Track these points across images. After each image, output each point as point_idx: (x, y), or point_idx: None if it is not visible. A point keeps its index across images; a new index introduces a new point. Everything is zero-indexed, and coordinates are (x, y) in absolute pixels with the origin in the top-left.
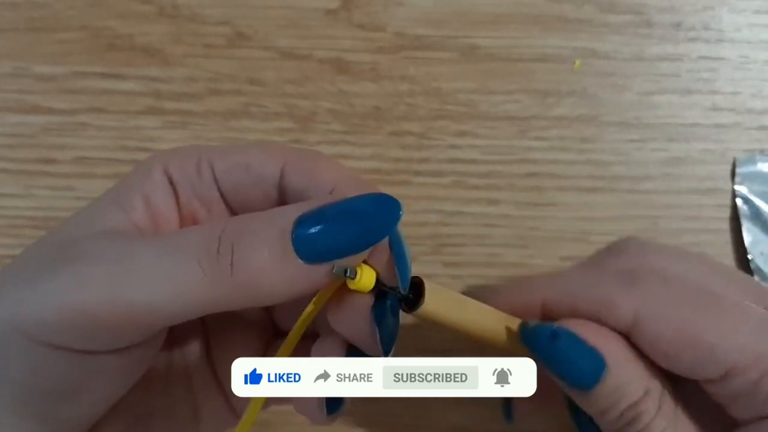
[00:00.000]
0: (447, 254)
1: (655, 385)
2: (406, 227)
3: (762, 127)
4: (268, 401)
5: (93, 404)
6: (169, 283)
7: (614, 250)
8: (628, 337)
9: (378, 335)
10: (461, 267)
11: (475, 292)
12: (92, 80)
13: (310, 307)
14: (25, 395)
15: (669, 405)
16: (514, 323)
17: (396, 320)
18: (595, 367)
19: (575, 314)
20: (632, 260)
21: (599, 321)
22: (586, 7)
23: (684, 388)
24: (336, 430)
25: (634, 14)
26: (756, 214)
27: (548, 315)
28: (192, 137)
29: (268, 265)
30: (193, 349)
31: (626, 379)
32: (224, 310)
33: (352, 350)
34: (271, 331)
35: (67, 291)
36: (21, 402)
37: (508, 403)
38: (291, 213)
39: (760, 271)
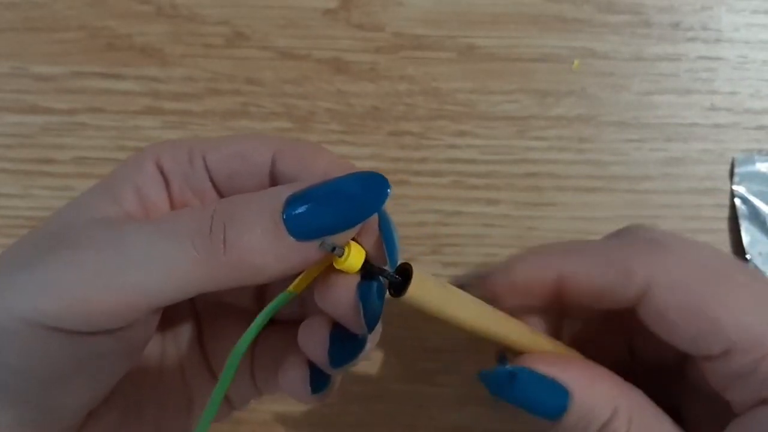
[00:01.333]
0: (446, 254)
1: (624, 401)
2: (404, 227)
3: (760, 127)
4: (258, 391)
5: (87, 391)
6: (163, 264)
7: (624, 231)
8: (635, 308)
9: (362, 312)
10: (460, 267)
11: (486, 270)
12: (91, 80)
13: (282, 296)
14: (21, 381)
15: (641, 417)
16: (502, 316)
17: (381, 298)
18: (558, 399)
19: (591, 286)
20: (645, 234)
21: (613, 290)
22: (585, 7)
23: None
24: (335, 430)
25: (632, 14)
26: (754, 214)
27: (562, 289)
28: (190, 137)
29: (260, 243)
30: (186, 337)
31: (592, 403)
32: (218, 289)
33: (337, 329)
34: None
35: (62, 275)
36: (16, 388)
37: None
38: (282, 192)
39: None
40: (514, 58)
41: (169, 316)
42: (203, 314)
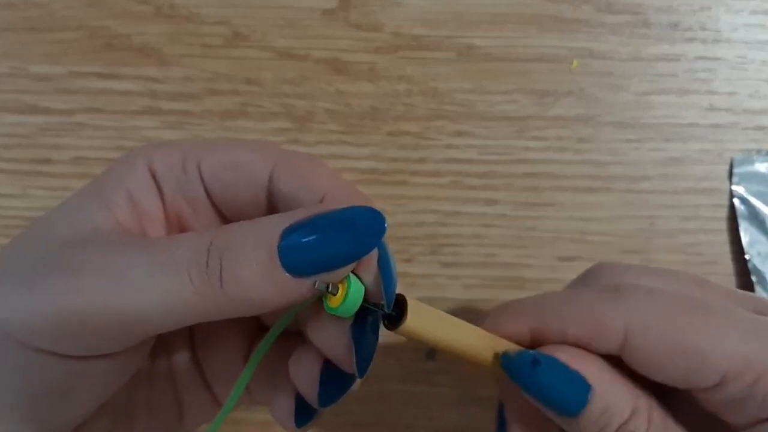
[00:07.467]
0: (445, 254)
1: (643, 402)
2: (403, 227)
3: (759, 127)
4: (249, 401)
5: (81, 406)
6: (161, 295)
7: (590, 275)
8: (619, 354)
9: (354, 355)
10: (459, 267)
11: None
12: (89, 80)
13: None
14: (16, 398)
15: (659, 420)
16: (498, 342)
17: (375, 339)
18: (579, 391)
19: (565, 339)
20: (612, 279)
21: (590, 343)
22: (584, 7)
23: (675, 398)
24: (335, 430)
25: (631, 14)
26: (753, 214)
27: (537, 342)
28: (189, 137)
29: (256, 278)
30: (178, 344)
31: (613, 401)
32: (214, 319)
33: (328, 366)
34: (256, 326)
35: (60, 300)
36: (11, 405)
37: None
38: (278, 224)
39: (757, 272)
40: (512, 59)
41: None
42: None
